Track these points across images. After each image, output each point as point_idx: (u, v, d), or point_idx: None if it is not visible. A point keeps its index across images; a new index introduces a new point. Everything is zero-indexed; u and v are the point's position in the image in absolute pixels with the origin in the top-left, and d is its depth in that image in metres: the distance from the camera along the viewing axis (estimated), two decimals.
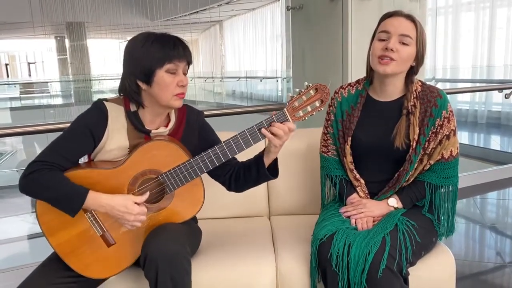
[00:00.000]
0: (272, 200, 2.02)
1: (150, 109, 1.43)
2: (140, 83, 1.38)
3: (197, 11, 13.49)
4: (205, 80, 15.91)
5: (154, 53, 1.34)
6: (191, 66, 1.45)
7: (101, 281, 1.45)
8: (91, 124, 1.38)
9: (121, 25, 12.65)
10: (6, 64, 30.02)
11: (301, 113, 1.37)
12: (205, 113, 2.48)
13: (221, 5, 13.36)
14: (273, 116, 1.37)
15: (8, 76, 29.16)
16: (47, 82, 16.90)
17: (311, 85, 1.37)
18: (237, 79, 14.92)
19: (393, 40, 1.48)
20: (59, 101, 14.15)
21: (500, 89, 4.13)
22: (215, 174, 1.52)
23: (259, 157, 1.46)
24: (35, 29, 12.09)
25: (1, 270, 2.32)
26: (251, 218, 1.98)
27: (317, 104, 1.37)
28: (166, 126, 1.47)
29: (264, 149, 1.46)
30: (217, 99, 14.57)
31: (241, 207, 1.98)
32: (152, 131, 1.43)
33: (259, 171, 1.46)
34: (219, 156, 1.39)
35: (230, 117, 2.77)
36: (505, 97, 3.84)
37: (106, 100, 1.43)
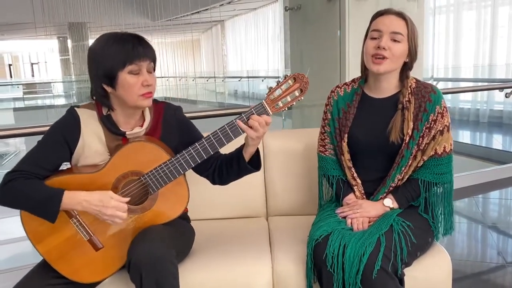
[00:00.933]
0: (269, 200, 2.02)
1: (121, 111, 1.42)
2: (105, 87, 1.36)
3: (199, 11, 13.48)
4: (207, 80, 15.92)
5: (114, 56, 1.32)
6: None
7: (94, 284, 1.44)
8: (64, 132, 1.39)
9: (122, 25, 12.65)
10: (10, 65, 30.13)
11: (280, 103, 1.36)
12: (202, 114, 2.51)
13: (222, 5, 13.35)
14: (252, 109, 1.35)
15: (11, 76, 29.25)
16: (50, 82, 16.95)
17: (288, 75, 1.36)
18: (239, 79, 14.92)
19: (384, 38, 1.50)
20: (62, 101, 14.20)
21: (501, 88, 4.12)
22: (198, 169, 1.51)
23: (240, 150, 1.45)
24: (38, 29, 12.13)
25: (4, 270, 2.33)
26: (249, 219, 1.97)
27: (297, 93, 1.36)
28: (142, 125, 1.46)
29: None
30: (219, 99, 14.58)
31: (239, 208, 1.98)
32: (127, 132, 1.42)
33: (240, 165, 1.45)
34: (200, 153, 1.37)
35: (229, 117, 2.77)
36: (506, 96, 3.83)
37: (78, 106, 1.43)
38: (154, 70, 1.41)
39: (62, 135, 1.38)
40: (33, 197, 1.31)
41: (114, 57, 1.32)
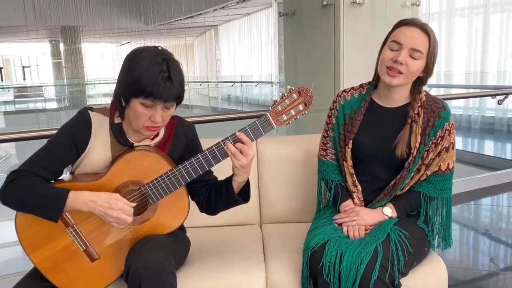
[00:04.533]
0: (263, 208, 2.00)
1: (129, 124, 1.38)
2: (122, 99, 1.33)
3: (192, 16, 13.48)
4: (200, 85, 15.90)
5: (135, 79, 1.25)
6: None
7: None
8: (74, 134, 1.36)
9: (115, 29, 12.61)
10: (1, 68, 29.88)
11: (284, 117, 1.35)
12: (196, 119, 2.49)
13: (216, 9, 13.35)
14: (256, 121, 1.34)
15: (2, 80, 28.98)
16: (42, 86, 16.81)
17: (293, 88, 1.35)
18: (232, 84, 14.93)
19: (403, 53, 1.46)
20: (53, 105, 14.08)
21: (493, 95, 4.15)
22: (191, 191, 1.47)
23: (229, 179, 1.42)
24: (30, 32, 12.03)
25: None
26: (242, 227, 1.95)
27: (301, 107, 1.35)
28: (152, 139, 1.42)
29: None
30: (212, 103, 14.56)
31: (232, 215, 1.93)
32: (135, 144, 1.39)
33: (228, 193, 1.42)
34: (202, 164, 1.35)
35: (222, 122, 2.77)
36: (498, 103, 3.86)
37: (92, 109, 1.39)
38: (178, 105, 1.34)
39: (72, 138, 1.35)
40: (37, 196, 1.28)
41: (135, 81, 1.25)
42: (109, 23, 12.78)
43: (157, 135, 1.43)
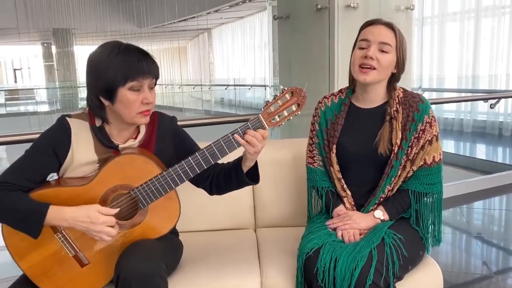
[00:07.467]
0: (258, 212, 1.99)
1: (115, 124, 1.37)
2: (102, 99, 1.31)
3: (186, 19, 13.47)
4: (194, 88, 15.88)
5: (116, 69, 1.27)
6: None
7: None
8: (53, 142, 1.33)
9: (108, 32, 12.57)
10: None
11: (277, 118, 1.33)
12: (188, 122, 2.47)
13: (209, 13, 13.36)
14: (248, 123, 1.32)
15: None
16: (33, 89, 16.68)
17: (286, 89, 1.33)
18: (226, 87, 14.93)
19: (372, 48, 1.49)
20: (45, 108, 13.98)
21: (485, 99, 4.19)
22: (194, 180, 1.46)
23: (238, 163, 1.42)
24: (21, 35, 11.95)
25: None
26: (237, 231, 1.94)
27: (294, 108, 1.33)
28: (135, 138, 1.41)
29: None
30: (206, 107, 14.54)
31: (226, 219, 1.95)
32: (120, 146, 1.38)
33: (239, 178, 1.42)
34: (193, 167, 1.33)
35: (215, 125, 2.76)
36: (490, 107, 3.89)
37: (70, 116, 1.37)
38: (155, 85, 1.37)
39: (51, 146, 1.33)
40: (16, 211, 1.25)
41: (116, 71, 1.26)
42: (102, 26, 12.73)
43: (139, 132, 1.42)
